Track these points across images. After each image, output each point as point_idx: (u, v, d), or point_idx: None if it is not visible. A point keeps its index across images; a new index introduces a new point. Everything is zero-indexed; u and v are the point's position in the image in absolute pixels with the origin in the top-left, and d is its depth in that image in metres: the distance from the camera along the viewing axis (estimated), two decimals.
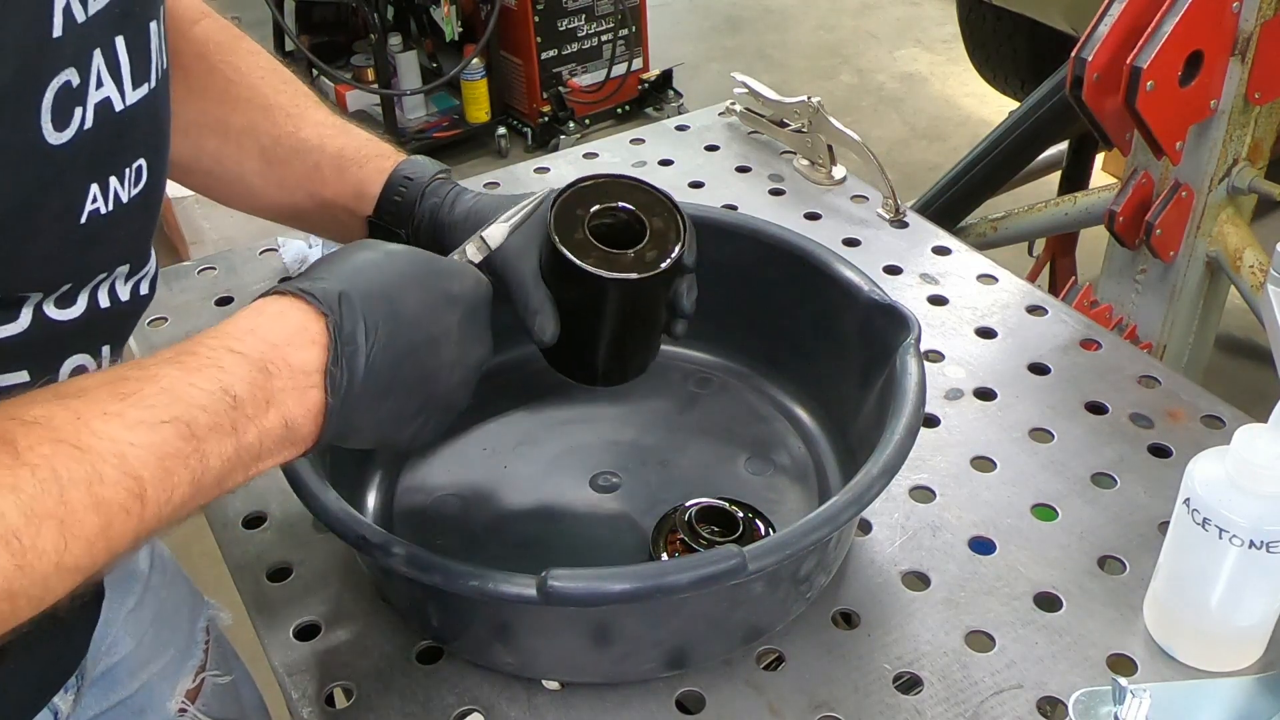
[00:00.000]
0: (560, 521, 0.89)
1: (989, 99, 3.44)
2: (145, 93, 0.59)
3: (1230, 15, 1.41)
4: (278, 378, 0.59)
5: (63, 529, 0.47)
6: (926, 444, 0.94)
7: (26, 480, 0.47)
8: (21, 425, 0.48)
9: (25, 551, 0.46)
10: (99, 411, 0.51)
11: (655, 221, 0.78)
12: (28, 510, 0.46)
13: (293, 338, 0.60)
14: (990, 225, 2.02)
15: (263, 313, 0.61)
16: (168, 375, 0.55)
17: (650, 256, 0.77)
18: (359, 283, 0.64)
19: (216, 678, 0.87)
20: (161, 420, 0.52)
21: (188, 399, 0.54)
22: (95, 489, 0.49)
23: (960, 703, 0.74)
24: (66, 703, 0.71)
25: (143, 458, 0.51)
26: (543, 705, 0.75)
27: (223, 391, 0.56)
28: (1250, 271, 1.55)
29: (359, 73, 3.73)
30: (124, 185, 0.61)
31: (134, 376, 0.54)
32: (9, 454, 0.47)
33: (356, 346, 0.62)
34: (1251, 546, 0.69)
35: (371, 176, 0.82)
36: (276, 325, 0.60)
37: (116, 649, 0.77)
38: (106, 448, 0.50)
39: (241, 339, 0.59)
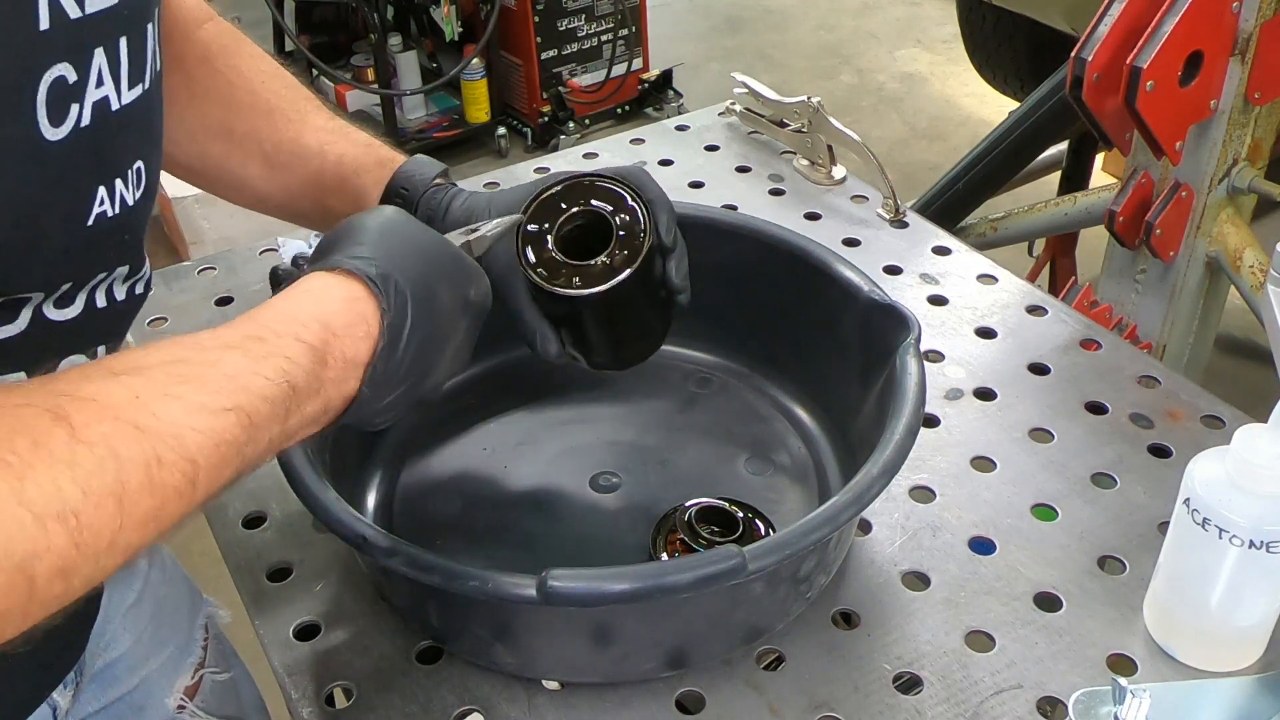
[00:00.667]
0: (560, 521, 0.89)
1: (989, 99, 3.44)
2: (139, 93, 0.60)
3: (1230, 15, 1.41)
4: (330, 369, 0.59)
5: (120, 508, 0.47)
6: (926, 444, 0.94)
7: (84, 457, 0.46)
8: (76, 401, 0.47)
9: (82, 530, 0.45)
10: (160, 393, 0.50)
11: (620, 218, 0.78)
12: (85, 487, 0.46)
13: (352, 329, 0.61)
14: (990, 225, 2.02)
15: (328, 296, 0.61)
16: (233, 362, 0.54)
17: (619, 258, 0.77)
18: (411, 269, 0.64)
19: (215, 675, 0.87)
20: (224, 408, 0.52)
21: (252, 389, 0.54)
22: (153, 471, 0.48)
23: (960, 703, 0.74)
24: (65, 698, 0.71)
25: (201, 444, 0.50)
26: (543, 705, 0.75)
27: (288, 384, 0.56)
28: (1250, 271, 1.55)
29: (359, 73, 3.73)
30: (129, 188, 0.61)
31: (195, 360, 0.53)
32: (65, 430, 0.46)
33: (400, 344, 0.62)
34: (1251, 546, 0.70)
35: (369, 187, 0.83)
36: (341, 314, 0.61)
37: (115, 645, 0.78)
38: (166, 430, 0.49)
39: (308, 325, 0.59)
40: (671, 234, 0.81)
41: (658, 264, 0.81)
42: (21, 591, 0.44)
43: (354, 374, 0.61)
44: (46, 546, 0.44)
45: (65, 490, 0.45)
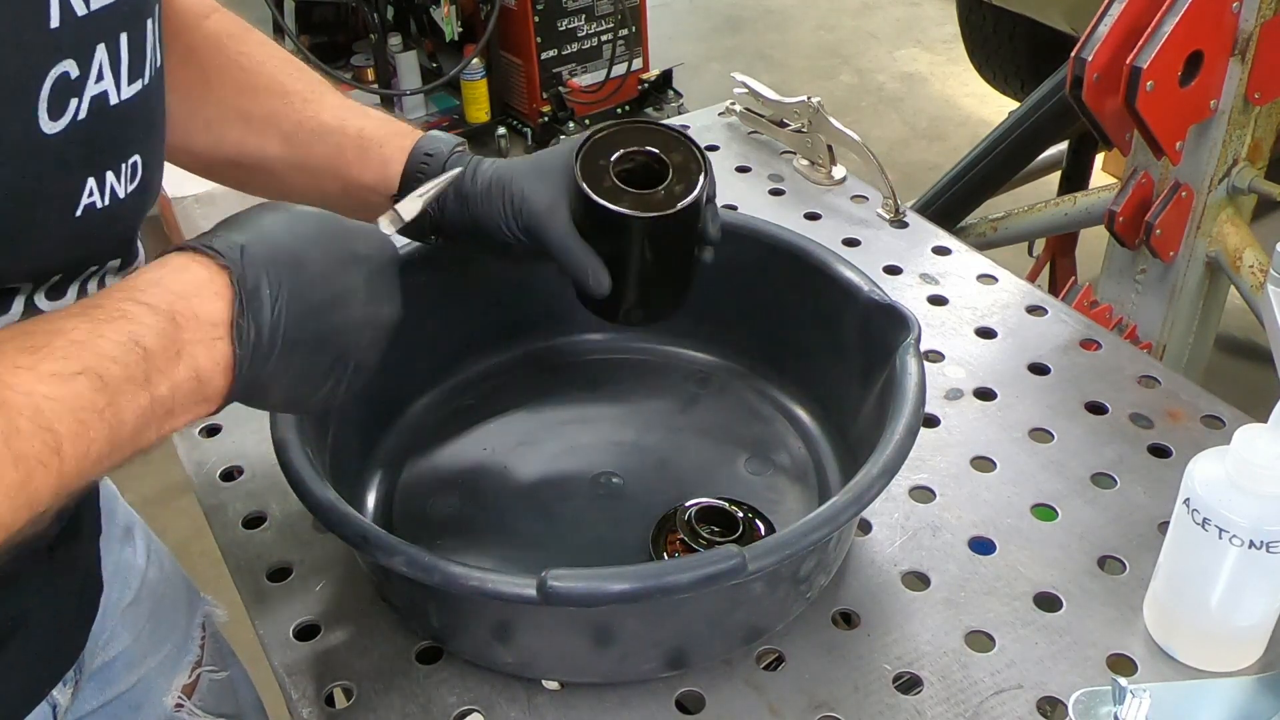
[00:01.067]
0: (560, 521, 0.89)
1: (989, 99, 3.44)
2: (139, 89, 0.60)
3: (1230, 15, 1.41)
4: (185, 329, 0.58)
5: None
6: (926, 444, 0.94)
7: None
8: None
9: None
10: (9, 365, 0.50)
11: (675, 157, 0.81)
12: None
13: (198, 290, 0.59)
14: (990, 225, 2.02)
15: (165, 266, 0.60)
16: (76, 328, 0.54)
17: (679, 190, 0.79)
18: (263, 239, 0.63)
19: (212, 674, 0.87)
20: (74, 372, 0.51)
21: (98, 350, 0.53)
22: (13, 443, 0.48)
23: (960, 703, 0.74)
24: (65, 696, 0.72)
25: (57, 411, 0.50)
26: (543, 705, 0.75)
27: (133, 342, 0.55)
28: (1250, 271, 1.55)
29: (359, 73, 3.72)
30: (120, 181, 0.61)
31: (41, 330, 0.53)
32: None
33: (261, 301, 0.61)
34: (1251, 546, 0.69)
35: (394, 155, 0.83)
36: (180, 278, 0.59)
37: (114, 643, 0.78)
38: (20, 401, 0.49)
39: (146, 290, 0.58)
40: (714, 187, 0.82)
41: (704, 210, 0.82)
42: None
43: (217, 333, 0.59)
44: None
45: None
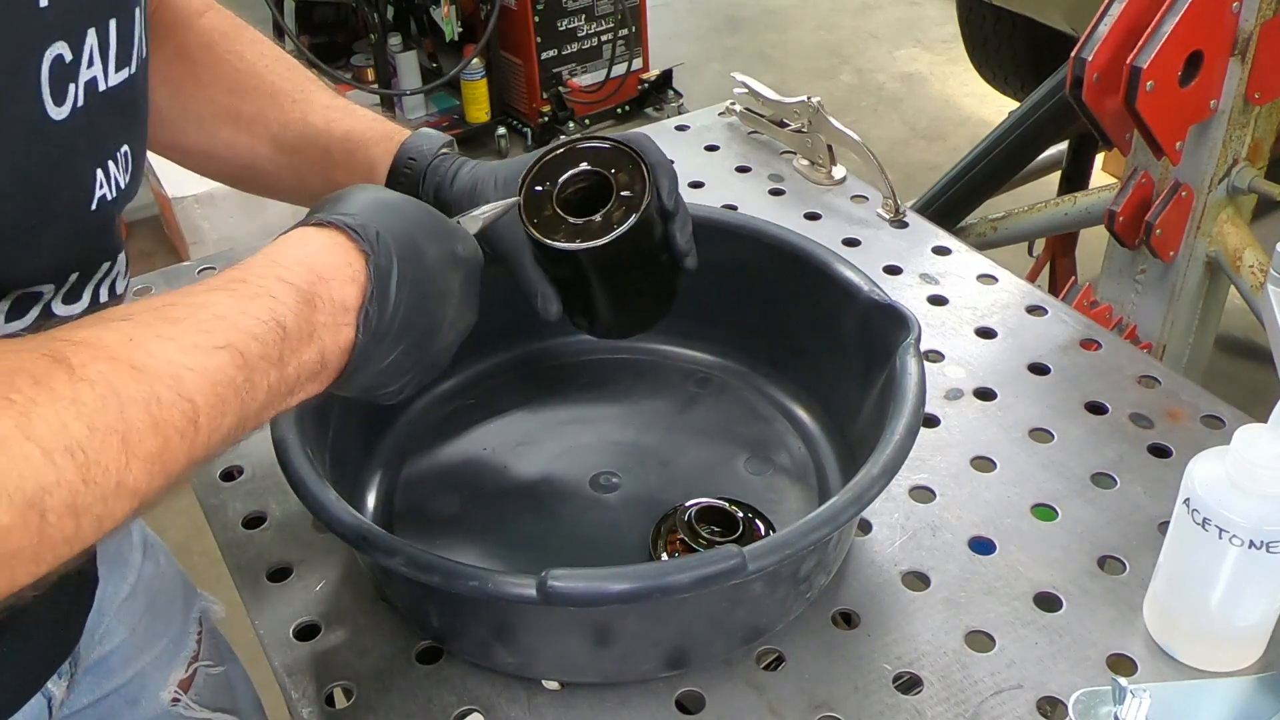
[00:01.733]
0: (560, 521, 0.89)
1: (989, 99, 3.44)
2: (125, 76, 0.59)
3: (1230, 15, 1.41)
4: (320, 312, 0.58)
5: (125, 445, 0.46)
6: (926, 444, 0.94)
7: (86, 394, 0.45)
8: (71, 345, 0.47)
9: (90, 465, 0.45)
10: (152, 334, 0.50)
11: (621, 177, 0.78)
12: (90, 423, 0.45)
13: (337, 272, 0.60)
14: (990, 225, 2.02)
15: (308, 243, 0.61)
16: (220, 302, 0.54)
17: (617, 215, 0.77)
18: (392, 224, 0.64)
19: (209, 669, 0.87)
20: (216, 346, 0.52)
21: (241, 326, 0.53)
22: (153, 409, 0.48)
23: (960, 703, 0.74)
24: (60, 689, 0.72)
25: (198, 383, 0.50)
26: (543, 705, 0.75)
27: (275, 322, 0.55)
28: (1250, 271, 1.55)
29: (359, 73, 3.73)
30: (119, 171, 0.61)
31: (183, 303, 0.53)
32: (64, 370, 0.46)
33: (389, 290, 0.62)
34: (1251, 546, 0.69)
35: (379, 159, 0.83)
36: (323, 258, 0.60)
37: (110, 637, 0.78)
38: (163, 369, 0.49)
39: (291, 268, 0.58)
40: (673, 198, 0.80)
41: (658, 226, 0.81)
42: (33, 529, 0.43)
43: (346, 319, 0.60)
44: (56, 481, 0.43)
45: (71, 426, 0.44)
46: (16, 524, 0.42)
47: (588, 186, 0.79)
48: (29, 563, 0.44)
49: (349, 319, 0.60)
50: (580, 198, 0.79)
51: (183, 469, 0.50)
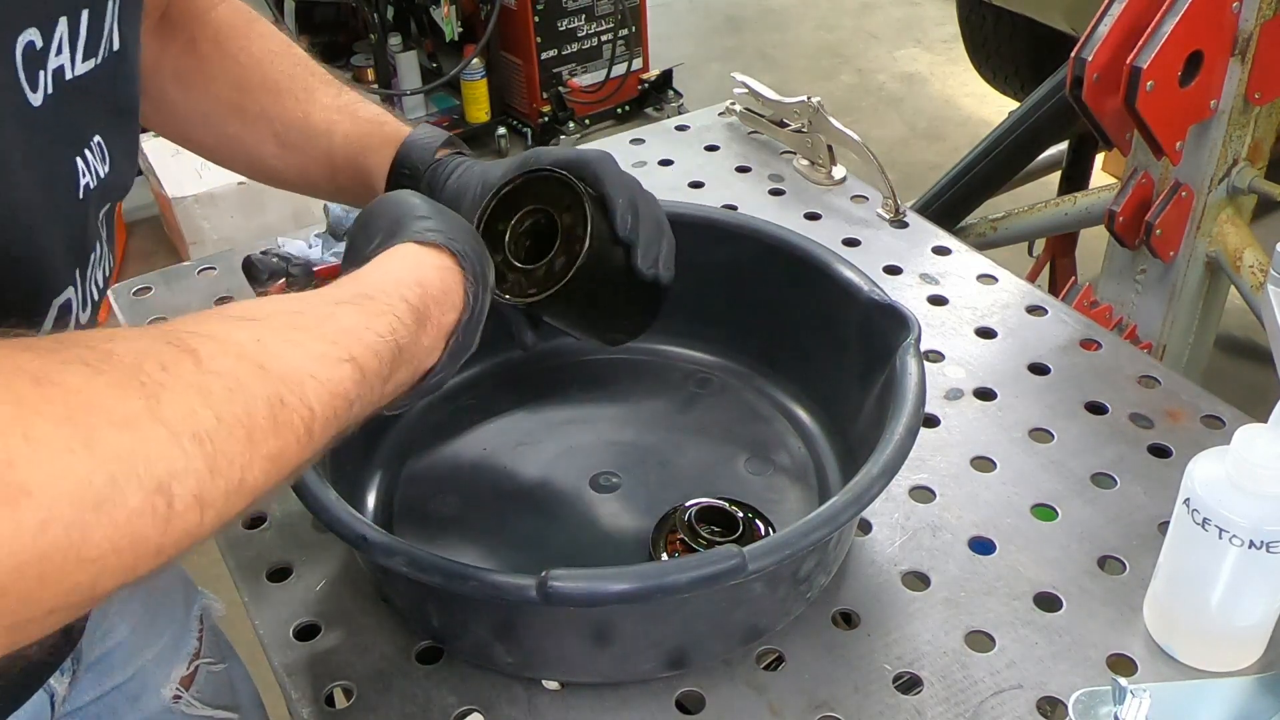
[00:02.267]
0: (560, 521, 0.89)
1: (989, 99, 3.44)
2: (91, 66, 0.59)
3: (1230, 15, 1.41)
4: (426, 335, 0.59)
5: (249, 441, 0.45)
6: (926, 444, 0.94)
7: (214, 384, 0.45)
8: (198, 337, 0.46)
9: (216, 456, 0.43)
10: (280, 339, 0.50)
11: (565, 217, 0.76)
12: (217, 413, 0.44)
13: (446, 297, 0.61)
14: (990, 225, 2.02)
15: (422, 264, 0.62)
16: (347, 316, 0.54)
17: (560, 264, 0.75)
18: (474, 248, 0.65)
19: (210, 666, 0.87)
20: (342, 359, 0.52)
21: (365, 342, 0.54)
22: (276, 411, 0.47)
23: (960, 703, 0.74)
24: (63, 685, 0.72)
25: (319, 392, 0.50)
26: (543, 705, 0.75)
27: (395, 341, 0.56)
28: (1250, 271, 1.55)
29: (359, 73, 3.72)
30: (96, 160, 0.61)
31: (311, 312, 0.53)
32: (191, 359, 0.45)
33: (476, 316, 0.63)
34: (1251, 546, 0.69)
35: (375, 167, 0.83)
36: (435, 282, 0.61)
37: (112, 634, 0.78)
38: (289, 373, 0.48)
39: (412, 290, 0.59)
40: (627, 224, 0.77)
41: (615, 255, 0.78)
42: (160, 516, 0.41)
43: (440, 344, 0.61)
44: (185, 468, 0.42)
45: (200, 413, 0.43)
46: (145, 509, 0.41)
47: (539, 220, 0.78)
48: (152, 553, 0.42)
49: (441, 344, 0.62)
50: (533, 231, 0.77)
51: (292, 474, 0.50)
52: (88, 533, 0.39)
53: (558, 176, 0.76)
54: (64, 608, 0.40)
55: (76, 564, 0.39)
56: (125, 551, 0.40)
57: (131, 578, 0.42)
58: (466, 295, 0.63)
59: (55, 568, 0.38)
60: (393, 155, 0.83)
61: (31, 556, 0.37)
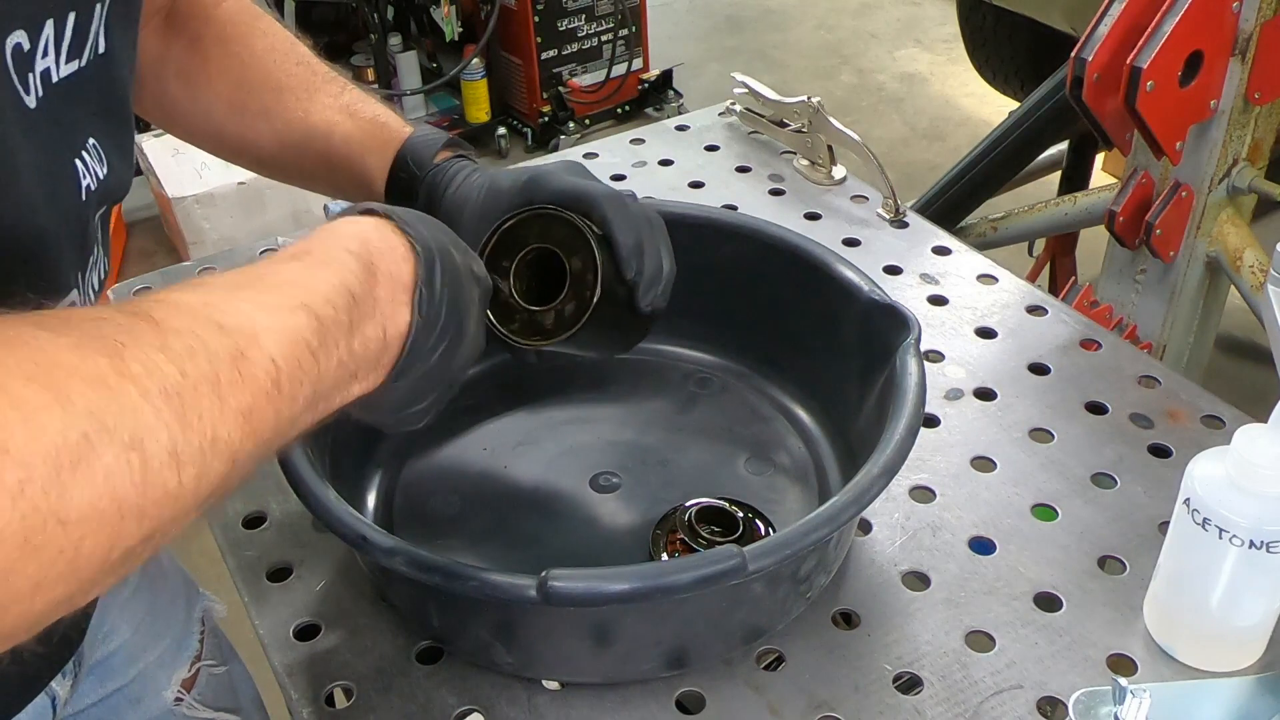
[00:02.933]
0: (560, 521, 0.89)
1: (989, 99, 3.44)
2: (75, 69, 0.59)
3: (1230, 15, 1.41)
4: (380, 285, 0.58)
5: (218, 396, 0.44)
6: (926, 444, 0.94)
7: (175, 342, 0.44)
8: (150, 303, 0.46)
9: (186, 411, 0.43)
10: (227, 297, 0.49)
11: (574, 261, 0.75)
12: (181, 369, 0.43)
13: (391, 249, 0.60)
14: (990, 225, 2.02)
15: (358, 223, 0.61)
16: (290, 269, 0.54)
17: (569, 310, 0.75)
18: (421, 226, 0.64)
19: (212, 668, 0.87)
20: (294, 307, 0.51)
21: (314, 290, 0.53)
22: (239, 364, 0.46)
23: (960, 703, 0.74)
24: (64, 688, 0.72)
25: (278, 343, 0.49)
26: (543, 705, 0.75)
27: (345, 288, 0.55)
28: (1250, 271, 1.55)
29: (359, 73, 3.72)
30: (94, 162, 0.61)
31: (252, 272, 0.53)
32: (148, 323, 0.44)
33: (435, 275, 0.62)
34: (1251, 546, 0.69)
35: (374, 170, 0.83)
36: (376, 237, 0.60)
37: (113, 637, 0.78)
38: (245, 326, 0.48)
39: (350, 241, 0.58)
40: (634, 264, 0.76)
41: (620, 293, 0.77)
42: (136, 474, 0.40)
43: (403, 297, 0.60)
44: (156, 422, 0.41)
45: (164, 369, 0.42)
46: (119, 466, 0.40)
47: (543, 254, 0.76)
48: (135, 517, 0.41)
49: (405, 297, 0.60)
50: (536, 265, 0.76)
51: (269, 435, 0.49)
52: (65, 492, 0.38)
53: (564, 217, 0.75)
54: (48, 581, 0.38)
55: (58, 526, 0.38)
56: (107, 513, 0.39)
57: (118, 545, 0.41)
58: (414, 248, 0.61)
59: (35, 531, 0.37)
60: (392, 158, 0.82)
61: (11, 519, 0.36)
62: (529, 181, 0.78)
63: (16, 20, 0.53)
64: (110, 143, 0.63)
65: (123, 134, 0.65)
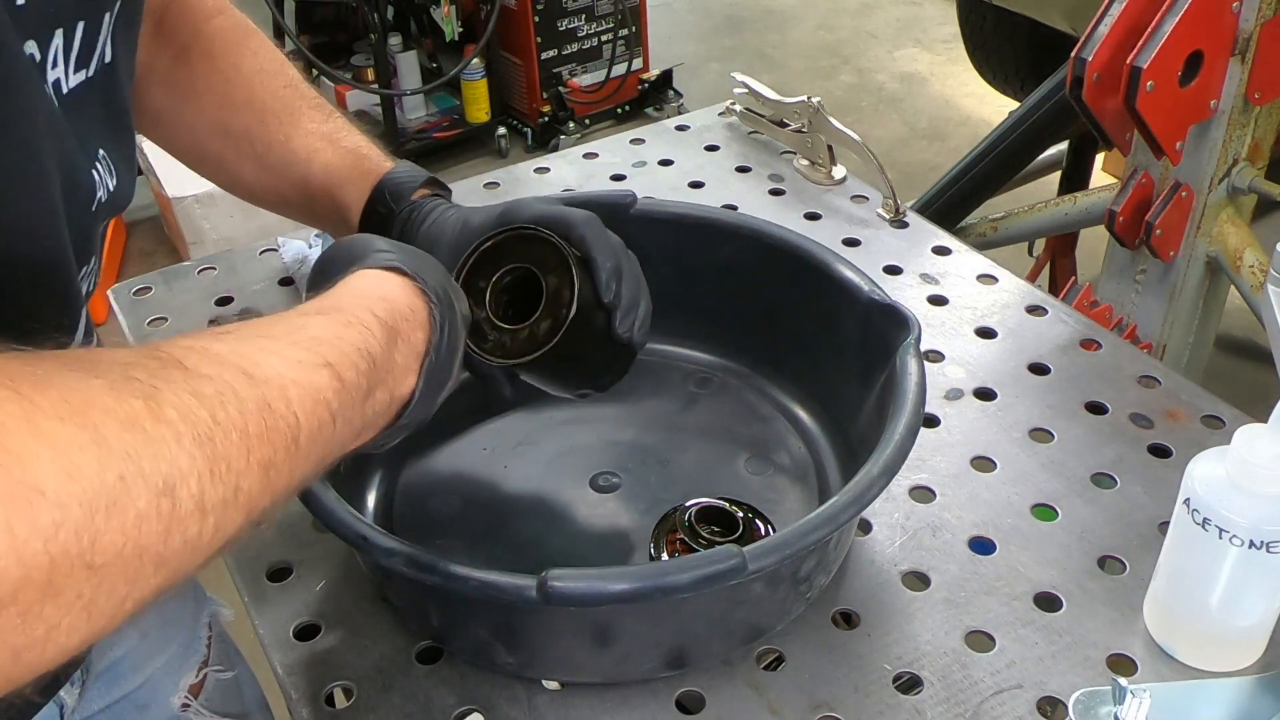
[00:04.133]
0: (560, 521, 0.89)
1: (989, 99, 3.44)
2: (83, 79, 0.59)
3: (1230, 15, 1.41)
4: (399, 352, 0.58)
5: (246, 445, 0.44)
6: (926, 444, 0.94)
7: (206, 388, 0.43)
8: (179, 348, 0.45)
9: (216, 459, 0.42)
10: (256, 348, 0.48)
11: (550, 279, 0.75)
12: (213, 415, 0.42)
13: (412, 316, 0.60)
14: (990, 225, 2.02)
15: (385, 284, 0.61)
16: (318, 325, 0.53)
17: (545, 328, 0.74)
18: (435, 276, 0.64)
19: (219, 673, 0.87)
20: (318, 364, 0.50)
21: (341, 350, 0.53)
22: (265, 416, 0.45)
23: (960, 703, 0.74)
24: (72, 696, 0.71)
25: (301, 399, 0.48)
26: (543, 705, 0.75)
27: (367, 352, 0.55)
28: (1250, 271, 1.55)
29: (359, 73, 3.73)
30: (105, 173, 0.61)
31: (279, 324, 0.52)
32: (178, 368, 0.43)
33: (443, 338, 0.62)
34: (1251, 546, 0.69)
35: (351, 201, 0.83)
36: (402, 299, 0.60)
37: (121, 643, 0.78)
38: (273, 378, 0.47)
39: (377, 304, 0.58)
40: (612, 289, 0.76)
41: (597, 319, 0.77)
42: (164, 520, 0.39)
43: (414, 365, 0.60)
44: (189, 468, 0.40)
45: (198, 413, 0.41)
46: (150, 512, 0.38)
47: (521, 275, 0.76)
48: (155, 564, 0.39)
49: (416, 365, 0.60)
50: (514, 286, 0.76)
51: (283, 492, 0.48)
52: (98, 537, 0.37)
53: (542, 236, 0.75)
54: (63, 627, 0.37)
55: (85, 571, 0.37)
56: (131, 560, 0.38)
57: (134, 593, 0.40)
58: (432, 314, 0.61)
59: (63, 576, 0.36)
60: (369, 190, 0.82)
61: (41, 562, 0.35)
62: (505, 210, 0.79)
63: (27, 30, 0.53)
64: (118, 154, 0.63)
65: (127, 144, 0.65)
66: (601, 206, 0.92)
